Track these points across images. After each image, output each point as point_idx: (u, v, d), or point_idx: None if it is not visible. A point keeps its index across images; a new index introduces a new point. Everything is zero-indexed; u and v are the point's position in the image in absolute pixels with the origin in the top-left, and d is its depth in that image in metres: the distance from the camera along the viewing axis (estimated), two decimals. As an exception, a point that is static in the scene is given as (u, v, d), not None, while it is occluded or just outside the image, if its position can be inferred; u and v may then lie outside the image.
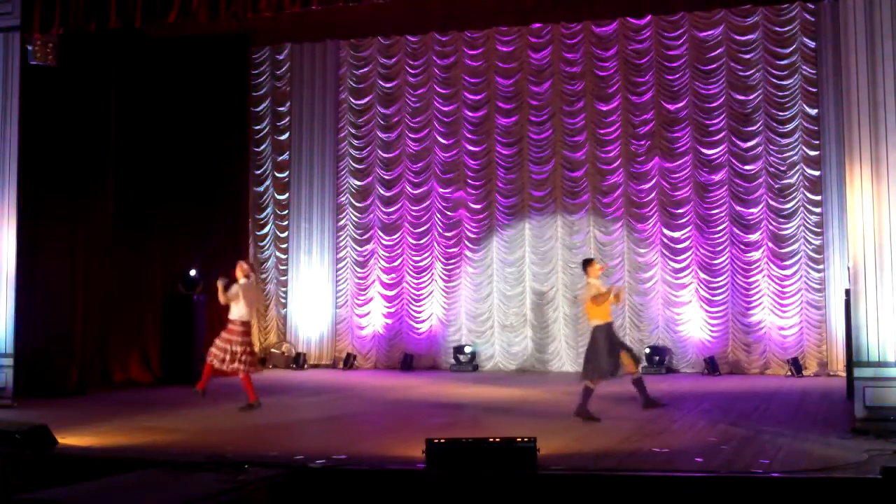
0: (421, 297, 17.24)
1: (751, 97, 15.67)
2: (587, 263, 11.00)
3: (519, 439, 7.45)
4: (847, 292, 10.21)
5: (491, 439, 7.51)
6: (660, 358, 15.59)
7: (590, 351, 10.54)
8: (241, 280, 11.59)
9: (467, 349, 16.59)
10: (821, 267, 15.26)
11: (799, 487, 6.97)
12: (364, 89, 17.69)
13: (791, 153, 15.47)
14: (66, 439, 8.84)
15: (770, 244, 15.53)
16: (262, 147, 18.12)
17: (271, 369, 17.27)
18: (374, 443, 8.90)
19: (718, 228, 15.79)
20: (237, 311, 11.47)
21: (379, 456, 8.09)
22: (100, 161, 14.30)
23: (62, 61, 12.62)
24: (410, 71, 17.39)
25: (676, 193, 16.01)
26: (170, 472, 6.89)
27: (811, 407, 11.43)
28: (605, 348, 10.42)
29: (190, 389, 14.03)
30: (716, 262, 15.77)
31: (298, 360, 17.16)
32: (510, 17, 16.05)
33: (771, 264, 15.52)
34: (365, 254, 17.55)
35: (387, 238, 17.44)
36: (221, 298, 11.52)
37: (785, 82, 15.49)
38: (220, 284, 11.57)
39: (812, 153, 15.37)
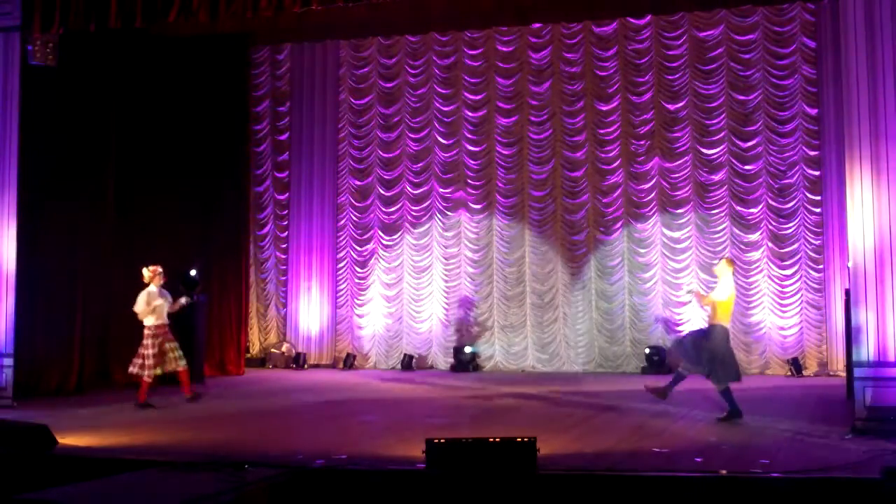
0: (421, 297, 17.24)
1: (751, 97, 15.67)
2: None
3: (519, 439, 7.45)
4: (847, 292, 10.21)
5: (491, 439, 7.51)
6: (660, 358, 15.58)
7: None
8: (152, 287, 11.83)
9: (467, 349, 16.58)
10: (821, 267, 15.26)
11: (799, 487, 6.97)
12: (364, 89, 17.69)
13: (791, 153, 15.47)
14: (66, 439, 8.84)
15: (770, 244, 15.54)
16: (262, 147, 18.13)
17: (271, 369, 17.29)
18: (374, 443, 8.90)
19: (718, 228, 15.80)
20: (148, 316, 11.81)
21: (379, 456, 8.09)
22: (100, 161, 14.29)
23: (62, 61, 12.62)
24: (410, 71, 17.39)
25: (676, 193, 16.01)
26: (170, 472, 6.89)
27: (811, 407, 11.43)
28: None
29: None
30: (716, 262, 15.73)
31: (298, 360, 17.16)
32: (510, 17, 16.06)
33: (771, 264, 15.53)
34: (365, 254, 17.56)
35: (387, 238, 17.44)
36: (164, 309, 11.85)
37: (785, 82, 15.49)
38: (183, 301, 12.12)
39: (812, 153, 15.38)
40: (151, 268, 11.94)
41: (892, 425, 8.82)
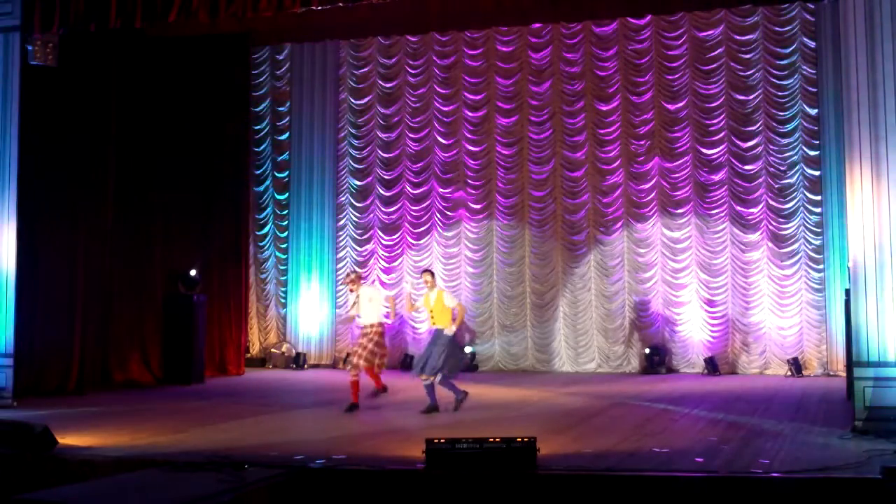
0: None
1: (751, 97, 15.68)
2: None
3: (519, 439, 7.45)
4: (847, 292, 10.21)
5: (491, 439, 7.51)
6: (660, 358, 15.58)
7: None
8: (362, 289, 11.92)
9: (467, 349, 16.56)
10: (821, 267, 15.26)
11: (799, 487, 6.97)
12: (364, 89, 17.69)
13: (791, 153, 15.48)
14: (66, 439, 8.84)
15: (770, 244, 15.53)
16: (262, 147, 18.14)
17: (271, 369, 17.29)
18: (374, 443, 8.90)
19: (718, 228, 15.80)
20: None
21: (379, 456, 8.09)
22: (100, 161, 14.28)
23: (62, 61, 12.60)
24: (410, 71, 17.39)
25: (676, 193, 16.01)
26: (170, 472, 6.90)
27: (811, 407, 11.43)
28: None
29: (190, 389, 14.08)
30: (716, 262, 15.77)
31: (298, 360, 17.16)
32: (510, 17, 16.06)
33: (771, 264, 15.52)
34: (365, 254, 17.55)
35: (387, 238, 17.44)
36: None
37: (785, 82, 15.50)
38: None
39: (812, 153, 15.38)
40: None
41: (892, 425, 8.82)
